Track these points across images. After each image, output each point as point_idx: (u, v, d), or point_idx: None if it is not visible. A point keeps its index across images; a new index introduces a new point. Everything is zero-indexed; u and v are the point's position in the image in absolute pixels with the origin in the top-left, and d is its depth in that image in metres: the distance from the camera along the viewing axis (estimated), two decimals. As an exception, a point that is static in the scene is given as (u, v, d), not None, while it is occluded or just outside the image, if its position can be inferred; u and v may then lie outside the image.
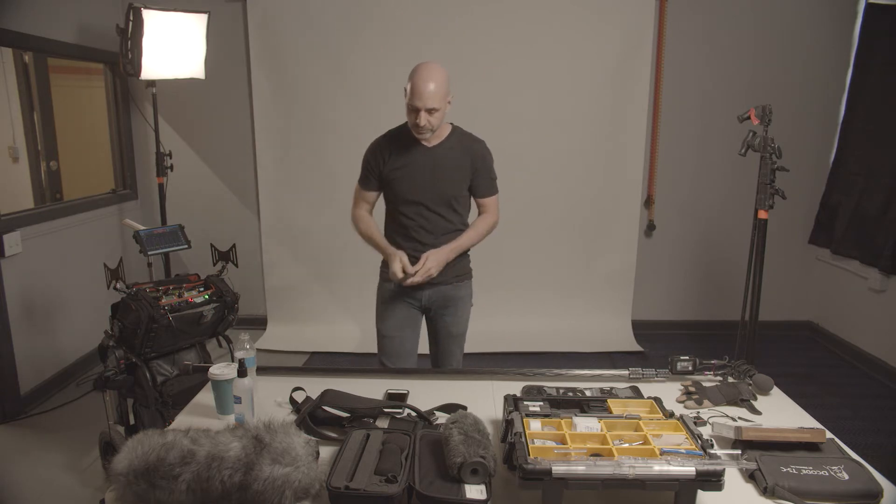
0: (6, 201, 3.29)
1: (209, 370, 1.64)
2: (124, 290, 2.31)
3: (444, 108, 2.13)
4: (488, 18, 3.83)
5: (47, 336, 3.36)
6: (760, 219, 2.70)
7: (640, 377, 1.88)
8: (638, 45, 3.85)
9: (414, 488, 1.23)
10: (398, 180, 2.25)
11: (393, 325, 2.37)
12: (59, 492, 2.48)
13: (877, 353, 3.64)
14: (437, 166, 2.23)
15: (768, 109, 2.66)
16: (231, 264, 2.64)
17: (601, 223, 4.09)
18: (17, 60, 3.82)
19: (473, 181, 2.29)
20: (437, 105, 2.08)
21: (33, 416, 3.11)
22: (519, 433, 1.30)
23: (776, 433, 1.42)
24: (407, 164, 2.23)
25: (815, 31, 3.90)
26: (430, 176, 2.23)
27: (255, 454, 1.23)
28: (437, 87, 2.06)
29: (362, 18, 3.84)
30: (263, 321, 4.26)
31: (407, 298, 2.35)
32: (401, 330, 2.37)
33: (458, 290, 2.38)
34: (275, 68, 3.94)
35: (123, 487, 1.22)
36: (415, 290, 2.31)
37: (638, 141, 3.98)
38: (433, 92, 2.06)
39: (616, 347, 4.01)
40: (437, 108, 2.08)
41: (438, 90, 2.07)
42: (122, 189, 4.10)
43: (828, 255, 4.07)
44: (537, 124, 3.94)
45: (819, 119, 4.02)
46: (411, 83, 2.09)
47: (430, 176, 2.23)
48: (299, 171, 4.08)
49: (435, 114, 2.10)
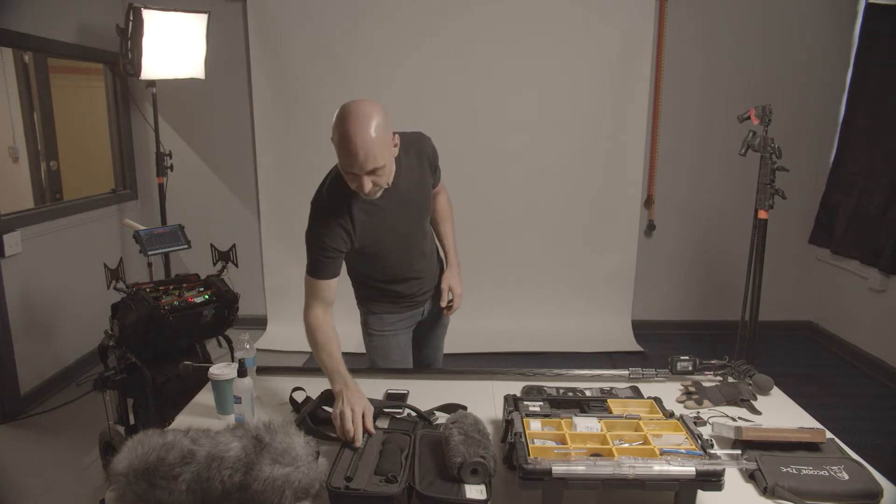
0: (6, 201, 3.29)
1: (209, 370, 1.64)
2: (124, 290, 2.31)
3: (390, 159, 1.64)
4: (488, 18, 3.83)
5: (47, 336, 3.36)
6: (760, 219, 2.70)
7: (640, 377, 1.88)
8: (638, 45, 3.85)
9: (414, 488, 1.24)
10: (370, 244, 1.79)
11: (401, 353, 2.05)
12: (59, 492, 2.48)
13: (877, 353, 3.64)
14: (405, 201, 1.81)
15: (768, 109, 2.66)
16: (231, 264, 2.64)
17: (601, 223, 4.09)
18: (17, 60, 3.82)
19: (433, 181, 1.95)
20: (380, 162, 1.58)
21: (33, 416, 3.11)
22: (519, 433, 1.30)
23: (776, 433, 1.42)
24: (378, 223, 1.76)
25: (815, 31, 3.90)
26: (402, 214, 1.82)
27: (255, 454, 1.23)
28: (372, 140, 1.54)
29: (362, 18, 3.84)
30: (263, 321, 4.26)
31: (410, 319, 2.05)
32: (406, 353, 2.08)
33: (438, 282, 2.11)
34: (275, 68, 3.94)
35: (123, 487, 1.22)
36: (416, 307, 2.05)
37: (638, 141, 3.98)
38: (369, 149, 1.54)
39: (616, 347, 4.01)
40: (379, 165, 1.58)
41: (375, 144, 1.55)
42: (122, 189, 4.10)
43: (828, 255, 4.07)
44: (537, 124, 3.94)
45: (819, 119, 4.02)
46: (336, 145, 1.59)
47: (401, 215, 1.81)
48: (299, 172, 4.08)
49: (381, 171, 1.60)
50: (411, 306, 2.04)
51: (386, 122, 1.60)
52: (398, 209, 1.80)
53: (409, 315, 2.05)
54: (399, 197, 1.78)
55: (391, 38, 3.87)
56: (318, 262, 1.74)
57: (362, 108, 1.56)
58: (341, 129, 1.56)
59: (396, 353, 2.04)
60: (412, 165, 1.83)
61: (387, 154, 1.61)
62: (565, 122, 3.94)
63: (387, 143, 1.60)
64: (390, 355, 2.03)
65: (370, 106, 1.58)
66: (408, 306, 2.03)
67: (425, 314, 2.12)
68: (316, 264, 1.74)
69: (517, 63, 3.87)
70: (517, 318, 4.08)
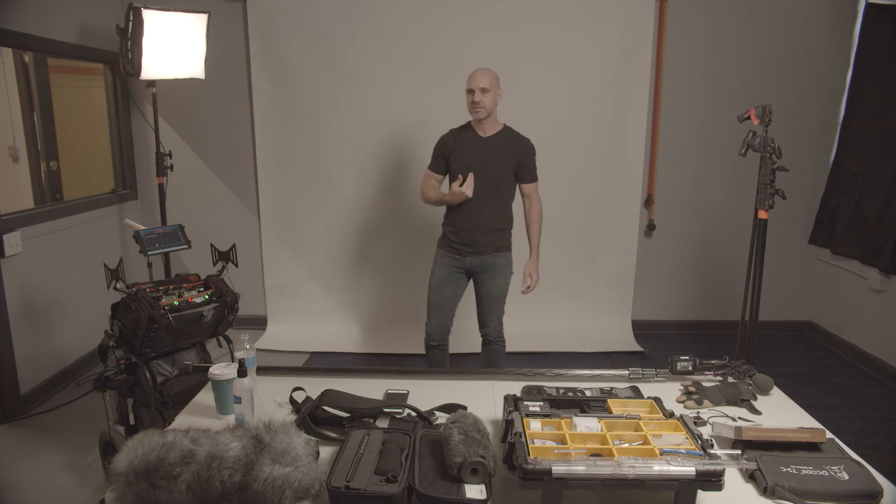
0: (6, 201, 3.29)
1: (209, 370, 1.64)
2: (124, 290, 2.31)
3: (494, 92, 2.70)
4: (489, 19, 3.83)
5: (47, 336, 3.36)
6: (760, 219, 2.70)
7: (640, 377, 1.88)
8: (638, 45, 3.86)
9: (414, 488, 1.24)
10: (456, 161, 2.80)
11: (437, 281, 2.92)
12: (59, 492, 2.48)
13: (877, 353, 3.64)
14: (487, 153, 2.76)
15: (768, 109, 2.66)
16: (231, 264, 2.64)
17: (601, 223, 4.09)
18: (17, 60, 3.81)
19: (517, 170, 2.80)
20: (487, 85, 2.67)
21: (33, 416, 3.11)
22: (519, 433, 1.30)
23: (776, 433, 1.42)
24: (463, 148, 2.79)
25: (815, 31, 3.90)
26: (480, 159, 2.75)
27: (255, 454, 1.23)
28: (487, 74, 2.70)
29: (362, 18, 3.84)
30: (263, 321, 4.26)
31: (452, 262, 2.88)
32: (441, 287, 2.91)
33: (496, 259, 2.88)
34: (275, 68, 3.94)
35: (123, 487, 1.22)
36: (460, 255, 2.85)
37: (638, 141, 3.98)
38: (482, 76, 2.69)
39: (616, 347, 4.01)
40: (486, 87, 2.67)
41: (487, 75, 2.69)
42: (122, 189, 4.10)
43: (828, 255, 4.07)
44: (537, 124, 3.90)
45: (819, 119, 4.02)
46: (467, 80, 2.73)
47: (479, 159, 2.75)
48: (299, 171, 4.09)
49: (486, 93, 2.67)
50: (455, 252, 2.86)
51: (497, 81, 2.74)
52: (477, 157, 2.76)
53: (451, 256, 2.88)
54: (481, 147, 2.77)
55: (391, 38, 3.87)
56: (432, 159, 2.90)
57: (488, 68, 2.75)
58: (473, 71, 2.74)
59: (436, 277, 2.93)
60: (504, 142, 2.79)
61: (492, 85, 2.70)
62: (565, 123, 3.94)
63: (492, 83, 2.70)
64: (432, 278, 2.95)
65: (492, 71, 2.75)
66: (453, 249, 2.87)
67: (467, 267, 2.88)
68: (431, 160, 2.91)
69: (517, 63, 3.87)
70: (517, 319, 4.07)
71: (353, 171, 4.06)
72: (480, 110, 2.71)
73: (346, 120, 3.94)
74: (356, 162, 4.04)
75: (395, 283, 4.15)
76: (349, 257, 4.19)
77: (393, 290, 4.17)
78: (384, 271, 4.17)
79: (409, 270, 4.05)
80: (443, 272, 2.91)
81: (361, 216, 4.12)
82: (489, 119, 2.78)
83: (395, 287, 4.16)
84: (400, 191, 4.01)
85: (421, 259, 3.17)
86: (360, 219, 4.13)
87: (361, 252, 4.18)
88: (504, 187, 2.81)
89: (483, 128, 2.79)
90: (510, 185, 2.84)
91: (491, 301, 2.93)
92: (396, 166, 3.99)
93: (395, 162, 3.99)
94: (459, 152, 2.80)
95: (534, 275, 2.92)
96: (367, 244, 4.16)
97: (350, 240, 4.17)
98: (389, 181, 4.03)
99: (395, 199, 4.04)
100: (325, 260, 4.19)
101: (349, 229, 4.16)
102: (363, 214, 4.12)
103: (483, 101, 2.68)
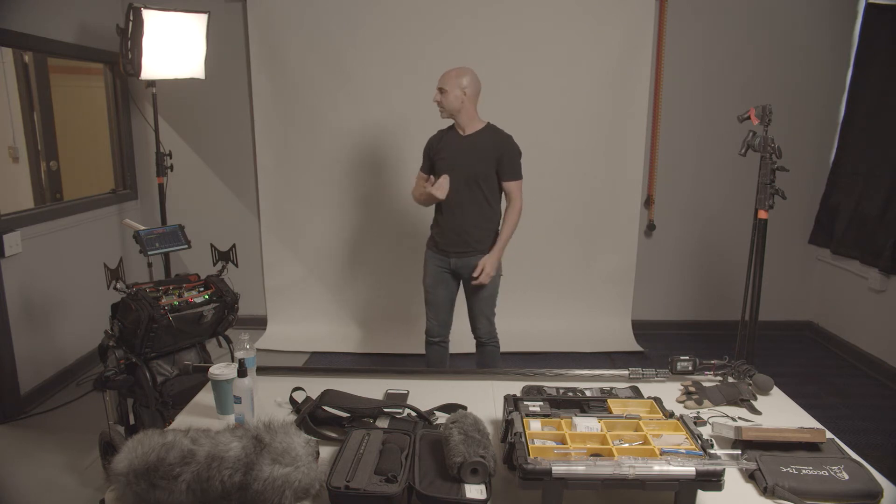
0: (6, 201, 3.29)
1: (209, 370, 1.64)
2: (124, 290, 2.30)
3: (453, 92, 2.70)
4: (489, 20, 3.83)
5: (47, 336, 3.36)
6: (760, 219, 2.70)
7: (640, 377, 1.88)
8: (638, 46, 3.85)
9: (414, 488, 1.24)
10: (439, 161, 2.83)
11: (430, 282, 2.95)
12: (59, 492, 2.48)
13: (877, 353, 3.64)
14: (466, 151, 2.77)
15: (768, 109, 2.66)
16: (231, 264, 2.64)
17: (601, 223, 4.09)
18: (17, 60, 3.81)
19: (499, 167, 2.75)
20: (443, 84, 2.71)
21: (33, 416, 3.11)
22: (519, 433, 1.30)
23: (776, 433, 1.42)
24: (445, 149, 2.82)
25: (815, 31, 3.90)
26: (460, 157, 2.77)
27: (255, 454, 1.23)
28: (447, 74, 2.72)
29: (362, 18, 3.84)
30: (263, 321, 4.26)
31: (439, 263, 2.91)
32: (435, 287, 2.93)
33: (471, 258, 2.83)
34: (275, 68, 3.94)
35: (123, 487, 1.22)
36: (445, 256, 2.87)
37: (638, 141, 3.98)
38: (443, 75, 2.73)
39: (616, 347, 4.01)
40: (443, 87, 2.71)
41: (447, 75, 2.72)
42: (122, 189, 4.10)
43: (828, 255, 4.07)
44: (537, 124, 3.94)
45: (819, 119, 4.02)
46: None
47: (459, 157, 2.77)
48: (299, 172, 4.08)
49: (444, 94, 2.71)
50: (439, 251, 2.89)
51: (470, 80, 2.73)
52: (457, 155, 2.78)
53: (437, 257, 2.90)
54: (462, 150, 2.77)
55: (391, 38, 3.87)
56: (423, 160, 2.94)
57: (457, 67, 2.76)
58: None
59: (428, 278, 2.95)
60: (485, 139, 2.77)
61: (450, 85, 2.70)
62: (565, 123, 3.94)
63: (451, 83, 2.70)
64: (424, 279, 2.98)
65: (467, 69, 2.76)
66: (439, 250, 2.89)
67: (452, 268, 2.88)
68: (422, 162, 2.94)
69: (517, 63, 3.88)
70: (517, 319, 4.07)
71: (353, 171, 4.06)
72: (441, 110, 2.77)
73: (346, 120, 3.94)
74: (356, 162, 4.04)
75: (395, 283, 4.15)
76: (349, 257, 4.19)
77: (393, 290, 4.17)
78: (384, 271, 4.17)
79: (409, 270, 4.04)
80: (432, 273, 2.92)
81: (361, 216, 4.12)
82: (465, 117, 2.75)
83: (395, 287, 4.16)
84: (400, 191, 4.00)
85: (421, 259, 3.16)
86: (361, 219, 4.13)
87: (361, 252, 4.18)
88: (485, 185, 2.77)
89: (462, 126, 2.78)
90: (492, 183, 2.78)
91: (479, 303, 2.90)
92: (396, 166, 3.99)
93: (396, 162, 3.99)
94: (442, 152, 2.82)
95: (487, 267, 2.75)
96: (367, 244, 4.16)
97: (350, 240, 4.17)
98: (389, 181, 4.03)
99: (396, 198, 4.04)
100: (325, 260, 4.20)
101: (349, 229, 4.16)
102: (363, 214, 4.12)
103: (442, 100, 2.73)
